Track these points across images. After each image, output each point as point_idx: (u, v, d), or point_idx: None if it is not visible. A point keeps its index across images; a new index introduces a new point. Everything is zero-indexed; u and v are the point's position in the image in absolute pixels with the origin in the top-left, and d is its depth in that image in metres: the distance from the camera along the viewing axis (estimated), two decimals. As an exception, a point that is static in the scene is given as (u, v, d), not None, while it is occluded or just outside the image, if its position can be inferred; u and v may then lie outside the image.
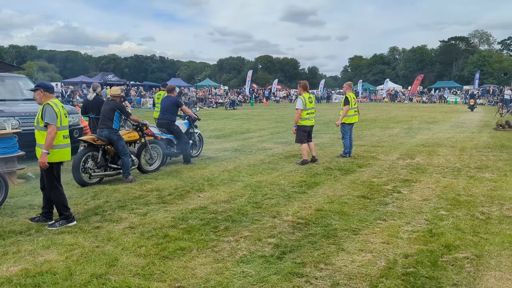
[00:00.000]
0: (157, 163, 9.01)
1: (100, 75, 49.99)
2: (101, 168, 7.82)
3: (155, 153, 8.95)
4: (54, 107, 5.29)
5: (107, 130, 7.76)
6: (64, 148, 5.50)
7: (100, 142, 7.71)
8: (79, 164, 7.43)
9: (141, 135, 8.67)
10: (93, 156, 7.71)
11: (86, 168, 7.56)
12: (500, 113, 25.36)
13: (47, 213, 5.53)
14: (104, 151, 7.85)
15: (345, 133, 10.48)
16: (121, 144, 7.83)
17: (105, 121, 7.81)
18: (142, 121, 8.54)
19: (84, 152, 7.62)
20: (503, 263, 4.17)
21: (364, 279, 3.83)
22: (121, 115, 8.01)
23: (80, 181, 7.49)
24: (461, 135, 15.32)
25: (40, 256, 4.38)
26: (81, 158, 7.50)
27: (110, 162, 7.95)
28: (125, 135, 8.28)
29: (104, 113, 7.89)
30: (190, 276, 3.90)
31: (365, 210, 5.99)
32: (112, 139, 7.76)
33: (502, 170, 8.75)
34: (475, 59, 79.59)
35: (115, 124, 7.84)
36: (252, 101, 47.14)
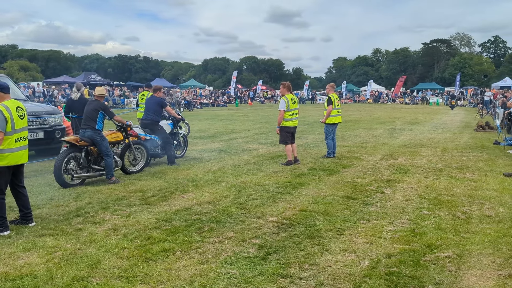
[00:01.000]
0: (141, 164, 8.95)
1: (83, 75, 49.43)
2: (84, 169, 7.70)
3: (138, 154, 8.90)
4: (4, 111, 5.01)
5: (90, 130, 7.65)
6: (18, 151, 5.18)
7: (83, 143, 7.60)
8: (61, 165, 7.32)
9: (125, 136, 8.59)
10: (76, 157, 7.60)
11: (68, 170, 7.45)
12: (480, 114, 25.83)
13: (25, 215, 5.40)
14: (87, 152, 7.73)
15: (328, 134, 10.55)
16: (105, 145, 7.73)
17: (88, 121, 7.69)
18: (126, 122, 8.47)
19: (67, 153, 7.51)
20: (483, 262, 4.24)
21: (348, 279, 3.85)
22: (105, 115, 7.90)
23: (61, 182, 7.37)
24: (442, 136, 15.55)
25: (20, 259, 4.30)
26: (63, 159, 7.38)
27: (93, 163, 7.83)
28: (109, 136, 8.19)
29: (87, 114, 7.77)
30: (174, 278, 3.87)
31: (349, 210, 6.04)
32: (95, 140, 7.66)
33: (483, 170, 8.91)
34: (456, 61, 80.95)
35: (99, 125, 7.73)
36: (237, 102, 47.11)
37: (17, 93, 11.21)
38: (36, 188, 7.35)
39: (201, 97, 46.49)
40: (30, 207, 5.49)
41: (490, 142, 13.47)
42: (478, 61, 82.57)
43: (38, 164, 9.55)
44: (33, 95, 30.61)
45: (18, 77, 63.33)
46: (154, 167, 9.35)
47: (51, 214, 5.87)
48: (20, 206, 5.41)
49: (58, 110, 11.73)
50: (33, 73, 78.01)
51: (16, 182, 5.39)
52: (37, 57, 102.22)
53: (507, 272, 3.98)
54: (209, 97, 48.12)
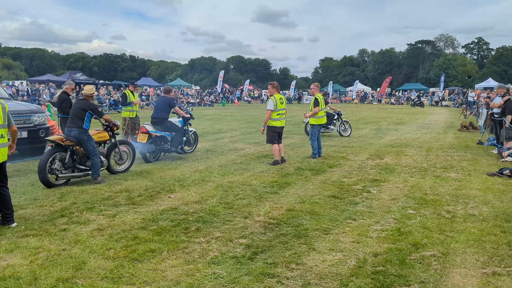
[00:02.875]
0: (127, 163, 8.89)
1: (68, 73, 48.86)
2: (69, 169, 7.57)
3: (125, 154, 8.85)
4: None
5: (76, 130, 7.52)
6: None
7: (68, 143, 7.47)
8: (45, 165, 7.19)
9: (111, 135, 8.49)
10: (61, 157, 7.47)
11: (52, 169, 7.33)
12: (464, 115, 26.19)
13: (6, 215, 5.27)
14: (73, 152, 7.61)
15: (313, 135, 10.56)
16: (91, 145, 7.62)
17: (75, 120, 7.55)
18: (114, 122, 8.39)
19: (51, 152, 7.38)
20: (468, 260, 4.29)
21: (335, 278, 3.86)
22: (92, 115, 7.78)
23: (45, 182, 7.25)
24: (427, 136, 15.73)
25: (2, 260, 4.22)
26: (47, 158, 7.26)
27: (78, 163, 7.71)
28: (95, 135, 8.08)
29: (74, 112, 7.64)
30: (160, 279, 3.84)
31: (336, 209, 6.06)
32: (81, 139, 7.54)
33: (467, 170, 9.03)
34: (441, 62, 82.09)
35: (86, 124, 7.61)
36: (224, 102, 47.01)
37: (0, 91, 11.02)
38: (19, 188, 7.23)
39: (188, 97, 46.28)
40: (12, 207, 5.37)
41: (473, 142, 13.67)
42: (462, 62, 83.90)
43: (21, 164, 9.40)
44: (16, 94, 30.13)
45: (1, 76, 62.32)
46: (140, 166, 9.28)
47: (35, 214, 5.77)
48: (1, 206, 5.27)
49: (42, 109, 11.58)
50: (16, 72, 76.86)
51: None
52: (21, 55, 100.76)
53: (491, 270, 4.04)
54: (196, 97, 47.91)
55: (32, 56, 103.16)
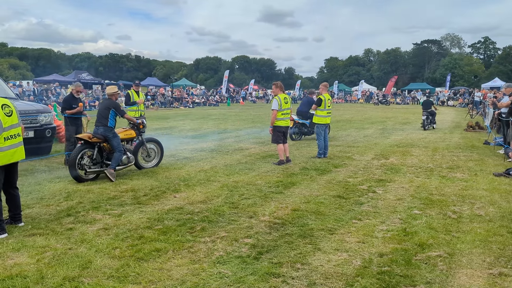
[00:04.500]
0: (155, 160, 9.30)
1: (74, 73, 49.05)
2: (97, 165, 8.00)
3: (152, 152, 9.24)
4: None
5: (102, 127, 7.98)
6: (8, 150, 5.05)
7: (95, 140, 7.90)
8: (75, 160, 7.64)
9: (138, 133, 8.89)
10: (89, 153, 7.92)
11: (82, 165, 7.77)
12: (471, 115, 26.05)
13: (14, 215, 5.30)
14: (100, 149, 8.04)
15: (319, 134, 10.55)
16: (116, 141, 8.03)
17: (101, 119, 8.03)
18: (136, 120, 8.79)
19: (80, 149, 7.82)
20: (474, 261, 4.27)
21: (340, 278, 3.86)
22: (116, 113, 8.15)
23: (76, 177, 7.68)
24: (433, 136, 15.66)
25: (10, 259, 4.25)
26: (77, 155, 7.70)
27: (106, 159, 8.13)
28: (122, 133, 8.52)
29: (100, 112, 8.12)
30: (166, 278, 3.85)
31: (341, 209, 6.05)
32: (107, 136, 7.97)
33: (473, 170, 8.98)
34: (447, 62, 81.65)
35: (111, 122, 8.04)
36: (229, 101, 47.05)
37: (7, 91, 11.09)
38: (26, 188, 7.27)
39: (193, 96, 46.37)
40: (21, 207, 5.40)
41: (480, 142, 13.59)
42: (468, 61, 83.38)
43: (28, 163, 9.45)
44: (23, 94, 30.31)
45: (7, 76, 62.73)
46: (145, 166, 9.30)
47: (42, 213, 5.81)
48: (10, 206, 5.31)
49: (49, 109, 11.65)
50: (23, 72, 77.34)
51: (9, 182, 5.28)
52: (27, 55, 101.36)
53: (497, 271, 4.02)
54: (201, 97, 47.99)
55: (38, 56, 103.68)
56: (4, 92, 10.68)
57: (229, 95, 52.44)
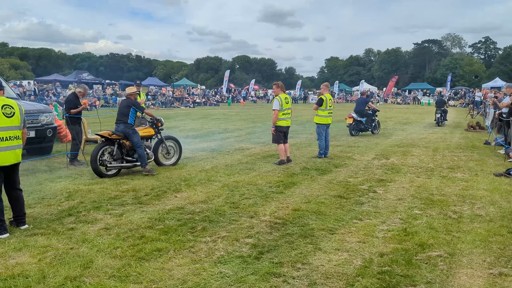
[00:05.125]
0: (175, 157, 9.62)
1: (75, 73, 49.13)
2: (118, 161, 8.36)
3: (171, 149, 9.55)
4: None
5: (123, 125, 8.38)
6: (2, 151, 4.96)
7: (115, 136, 8.29)
8: (96, 157, 8.03)
9: (157, 131, 9.22)
10: (109, 150, 8.28)
11: (103, 161, 8.14)
12: (471, 115, 26.05)
13: (18, 217, 5.28)
14: (120, 145, 8.39)
15: (320, 134, 10.56)
16: (136, 138, 8.40)
17: (121, 117, 8.44)
18: (156, 117, 9.18)
19: (101, 146, 8.21)
20: (474, 261, 4.28)
21: (341, 278, 3.87)
22: (137, 111, 8.58)
23: (97, 172, 8.08)
24: (434, 136, 15.66)
25: (11, 258, 4.26)
26: (98, 151, 8.09)
27: (126, 155, 8.49)
28: (141, 130, 8.90)
29: (121, 110, 8.55)
30: (167, 277, 3.86)
31: (342, 209, 6.06)
32: (127, 133, 8.35)
33: (473, 170, 8.99)
34: (447, 62, 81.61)
35: (130, 120, 8.45)
36: (230, 101, 47.06)
37: (7, 91, 11.11)
38: (27, 187, 7.28)
39: (194, 96, 46.39)
40: (25, 210, 5.36)
41: (480, 142, 13.59)
42: (469, 61, 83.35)
43: (29, 163, 9.47)
44: (23, 94, 30.34)
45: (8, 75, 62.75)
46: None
47: (43, 213, 5.83)
48: (14, 208, 5.26)
49: (50, 109, 11.65)
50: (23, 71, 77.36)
51: (9, 184, 5.22)
52: (28, 55, 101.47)
53: (497, 270, 4.03)
54: (202, 96, 48.01)
55: (39, 56, 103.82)
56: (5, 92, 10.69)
57: (229, 95, 52.46)
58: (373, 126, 16.15)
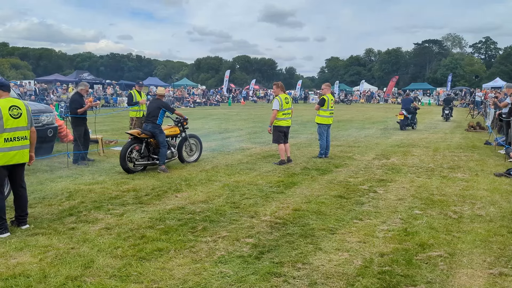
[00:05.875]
0: (196, 154, 10.05)
1: (75, 73, 49.17)
2: (144, 158, 8.78)
3: (194, 146, 9.99)
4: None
5: (151, 125, 8.79)
6: (8, 151, 5.02)
7: (143, 135, 8.73)
8: (125, 154, 8.46)
9: (182, 130, 9.67)
10: (137, 148, 8.68)
11: (131, 158, 8.57)
12: (472, 115, 26.04)
13: (20, 217, 5.30)
14: (147, 143, 8.84)
15: (321, 134, 10.57)
16: (162, 137, 8.82)
17: (150, 117, 8.86)
18: (184, 116, 9.69)
19: (130, 144, 8.64)
20: (474, 261, 4.29)
21: (341, 278, 3.88)
22: (166, 112, 8.99)
23: (126, 168, 8.50)
24: (434, 136, 15.67)
25: (12, 258, 4.27)
26: (127, 149, 8.52)
27: (152, 153, 8.91)
28: (167, 129, 9.32)
29: (150, 110, 8.95)
30: (167, 277, 3.87)
31: (342, 209, 6.07)
32: (154, 132, 8.77)
33: (474, 170, 8.99)
34: (448, 62, 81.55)
35: (159, 120, 8.87)
36: (230, 101, 47.06)
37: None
38: (28, 187, 7.23)
39: (194, 96, 46.39)
40: (27, 210, 5.39)
41: (481, 142, 13.60)
42: (470, 62, 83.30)
43: (30, 163, 9.47)
44: (24, 94, 30.35)
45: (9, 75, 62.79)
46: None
47: (44, 213, 5.84)
48: (16, 207, 5.30)
49: (51, 109, 11.66)
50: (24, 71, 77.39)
51: (14, 183, 5.28)
52: (29, 55, 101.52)
53: (497, 270, 4.03)
54: (202, 96, 48.02)
55: (40, 56, 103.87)
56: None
57: (230, 94, 52.47)
58: (414, 121, 18.75)
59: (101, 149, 11.08)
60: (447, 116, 23.84)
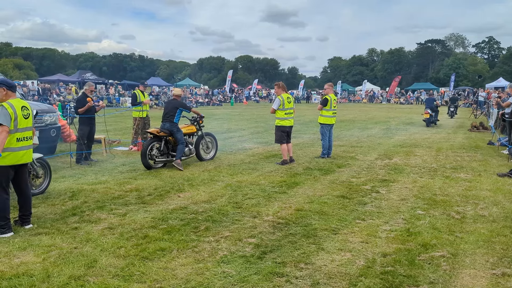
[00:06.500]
0: (212, 152, 10.44)
1: (78, 73, 49.22)
2: (164, 155, 9.22)
3: (210, 144, 10.37)
4: (9, 108, 4.99)
5: (169, 123, 9.22)
6: (18, 151, 5.11)
7: (162, 134, 9.16)
8: (146, 151, 8.89)
9: (198, 128, 10.14)
10: (157, 145, 9.12)
11: (151, 155, 9.00)
12: (475, 115, 25.98)
13: (23, 216, 5.33)
14: (166, 141, 9.26)
15: (324, 134, 10.56)
16: (180, 135, 9.26)
17: (168, 116, 9.27)
18: (201, 114, 10.15)
19: (150, 142, 9.08)
20: (477, 261, 4.28)
21: (344, 278, 3.88)
22: (182, 111, 9.42)
23: (146, 165, 8.92)
24: (437, 136, 15.64)
25: (16, 258, 4.29)
26: (147, 146, 8.95)
27: (171, 151, 9.35)
28: (184, 128, 9.76)
29: (168, 110, 9.37)
30: (170, 277, 3.88)
31: (344, 209, 6.07)
32: (172, 131, 9.20)
33: (477, 170, 8.97)
34: (451, 62, 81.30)
35: (176, 119, 9.31)
36: (232, 101, 47.06)
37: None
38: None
39: (197, 96, 46.42)
40: (31, 210, 5.43)
41: (484, 143, 13.57)
42: (473, 61, 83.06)
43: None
44: (27, 94, 30.43)
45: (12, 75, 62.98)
46: (149, 166, 9.35)
47: (47, 213, 5.86)
48: (21, 206, 5.34)
49: (54, 109, 11.69)
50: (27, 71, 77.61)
51: (19, 182, 5.33)
52: (32, 55, 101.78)
53: (500, 271, 4.03)
54: (204, 96, 48.05)
55: (43, 56, 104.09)
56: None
57: (232, 94, 52.47)
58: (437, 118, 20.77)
59: (104, 149, 11.11)
60: (452, 113, 25.63)
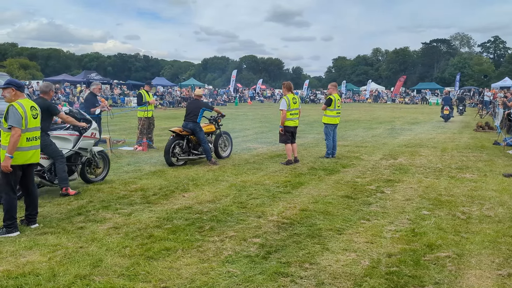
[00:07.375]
0: (229, 149, 10.80)
1: (83, 73, 49.38)
2: (186, 153, 9.56)
3: (227, 142, 10.74)
4: (19, 108, 5.02)
5: (192, 123, 9.48)
6: (28, 150, 5.16)
7: (185, 133, 9.48)
8: (169, 149, 9.25)
9: (217, 127, 10.46)
10: (180, 144, 9.45)
11: (174, 153, 9.34)
12: (480, 115, 25.87)
13: (30, 216, 5.36)
14: (188, 140, 9.58)
15: (328, 134, 10.55)
16: (202, 135, 9.53)
17: (191, 116, 9.52)
18: (222, 113, 10.40)
19: (173, 140, 9.39)
20: (483, 262, 4.26)
21: (349, 278, 3.87)
22: (205, 111, 9.70)
23: (169, 162, 9.25)
24: (442, 136, 15.58)
25: (22, 257, 4.32)
26: (170, 145, 9.29)
27: (192, 149, 9.69)
28: (204, 127, 9.97)
29: (191, 110, 9.64)
30: (175, 277, 3.89)
31: (349, 210, 6.06)
32: (195, 130, 9.49)
33: (482, 170, 8.93)
34: (456, 61, 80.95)
35: (199, 119, 9.57)
36: (237, 101, 47.09)
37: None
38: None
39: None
40: (38, 209, 5.47)
41: (489, 143, 13.50)
42: (478, 61, 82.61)
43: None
44: (33, 94, 30.57)
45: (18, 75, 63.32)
46: (154, 166, 9.38)
47: (53, 212, 5.89)
48: (27, 205, 5.37)
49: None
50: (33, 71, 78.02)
51: (27, 182, 5.36)
52: (37, 55, 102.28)
53: (506, 271, 4.01)
54: (209, 96, 48.08)
55: (48, 56, 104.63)
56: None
57: (237, 94, 52.48)
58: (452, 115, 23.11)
59: (109, 149, 11.15)
60: (461, 111, 28.41)
